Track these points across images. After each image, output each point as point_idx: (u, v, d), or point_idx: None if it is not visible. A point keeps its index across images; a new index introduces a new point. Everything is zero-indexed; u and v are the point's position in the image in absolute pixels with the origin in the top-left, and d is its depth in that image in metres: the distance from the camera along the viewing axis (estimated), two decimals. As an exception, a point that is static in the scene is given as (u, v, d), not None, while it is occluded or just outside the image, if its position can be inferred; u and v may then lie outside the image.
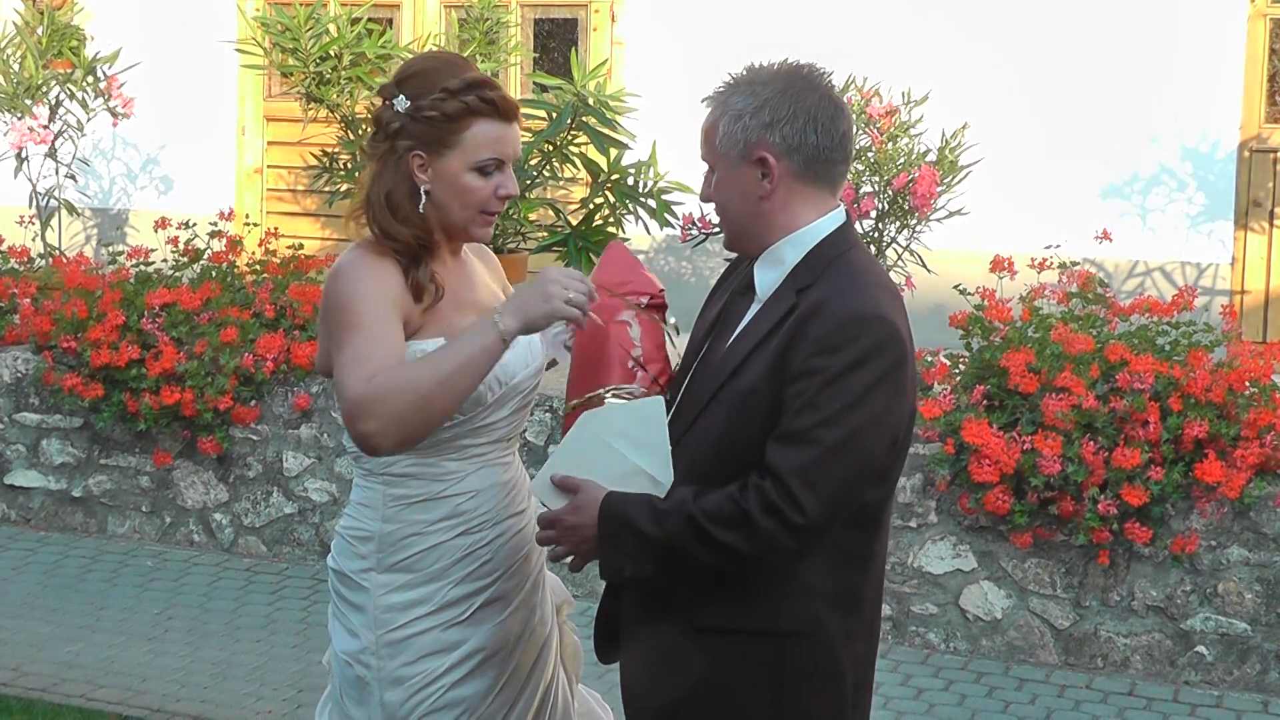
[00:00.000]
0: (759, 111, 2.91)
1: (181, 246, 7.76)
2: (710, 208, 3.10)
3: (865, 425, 2.79)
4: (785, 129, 2.90)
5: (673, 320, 3.25)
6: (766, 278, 2.97)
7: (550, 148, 7.29)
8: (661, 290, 3.17)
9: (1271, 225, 8.20)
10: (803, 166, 2.93)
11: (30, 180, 8.89)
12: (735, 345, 2.94)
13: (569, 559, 3.02)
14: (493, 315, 3.05)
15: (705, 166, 3.03)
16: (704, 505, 2.83)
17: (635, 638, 3.06)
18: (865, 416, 2.79)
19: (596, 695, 3.74)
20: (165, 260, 7.77)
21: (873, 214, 6.71)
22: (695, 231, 6.87)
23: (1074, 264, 6.60)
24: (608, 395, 3.05)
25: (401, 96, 3.16)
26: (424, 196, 3.17)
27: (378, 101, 3.27)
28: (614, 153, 7.25)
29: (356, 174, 7.42)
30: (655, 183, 7.31)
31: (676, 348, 3.21)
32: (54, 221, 9.12)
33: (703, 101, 3.02)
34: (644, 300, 3.13)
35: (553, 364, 3.40)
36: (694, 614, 2.93)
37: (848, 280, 2.88)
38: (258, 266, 7.70)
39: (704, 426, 2.93)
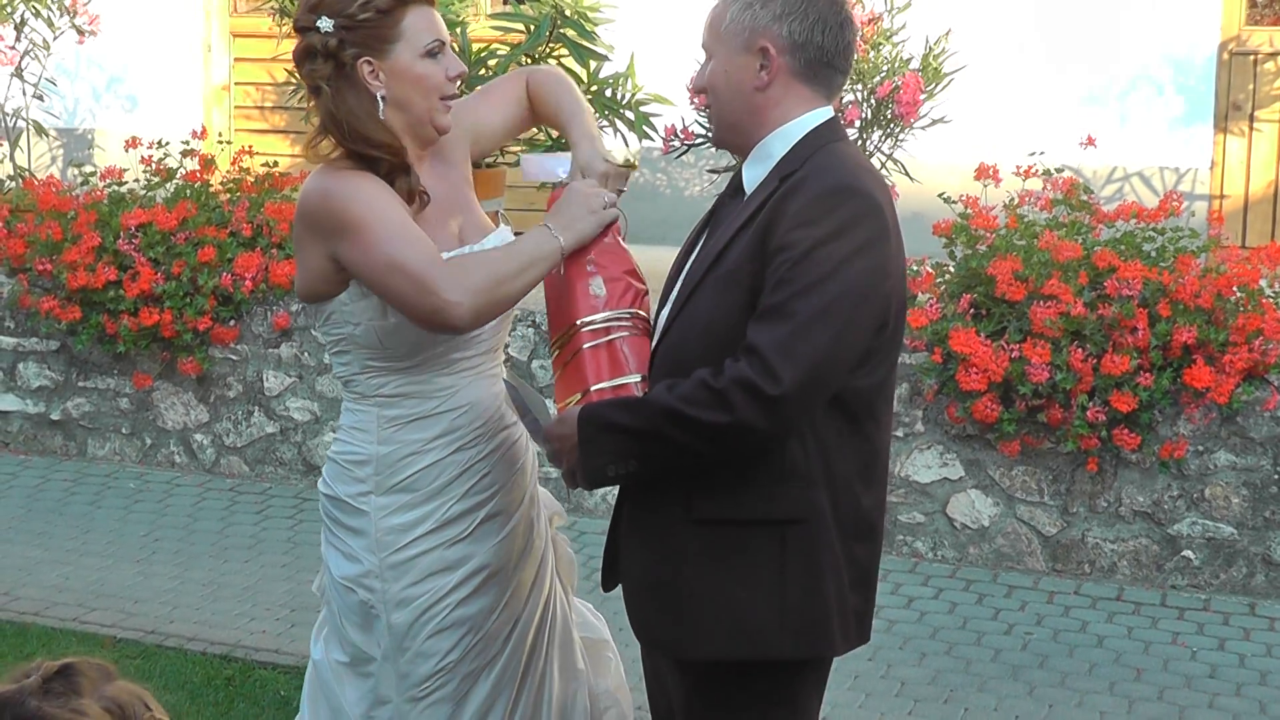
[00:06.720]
0: (770, 2, 2.89)
1: (154, 166, 7.65)
2: (691, 119, 3.07)
3: (843, 295, 2.75)
4: (794, 24, 2.89)
5: (626, 157, 3.22)
6: (754, 173, 2.96)
7: (529, 61, 7.19)
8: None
9: (1251, 128, 8.17)
10: (804, 65, 2.91)
11: (-3, 101, 8.77)
12: (721, 235, 2.94)
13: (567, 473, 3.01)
14: (546, 227, 3.10)
15: (702, 58, 3.00)
16: (679, 390, 2.79)
17: (635, 529, 3.02)
18: (843, 286, 2.74)
19: (589, 605, 3.74)
20: (137, 180, 7.66)
21: (857, 123, 6.66)
22: (676, 143, 6.80)
23: (1057, 171, 6.57)
24: (584, 330, 3.04)
25: (324, 18, 3.10)
26: (382, 103, 3.13)
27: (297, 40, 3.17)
28: (593, 65, 7.16)
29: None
30: (633, 95, 7.22)
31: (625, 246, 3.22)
32: (21, 142, 8.99)
33: None
34: None
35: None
36: (691, 506, 2.89)
37: (830, 160, 2.87)
38: (232, 185, 7.60)
39: (689, 312, 2.92)
